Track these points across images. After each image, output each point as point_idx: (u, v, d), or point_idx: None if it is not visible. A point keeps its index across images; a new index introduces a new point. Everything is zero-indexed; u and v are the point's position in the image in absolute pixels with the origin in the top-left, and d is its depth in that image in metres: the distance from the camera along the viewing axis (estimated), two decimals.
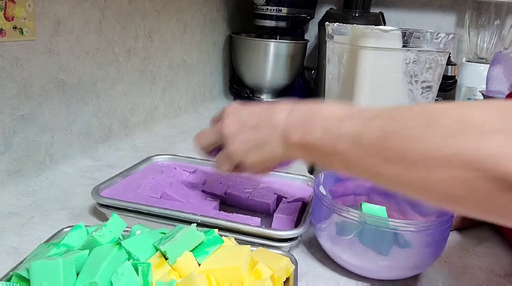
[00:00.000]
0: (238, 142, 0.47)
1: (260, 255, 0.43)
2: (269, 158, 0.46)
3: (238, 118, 0.47)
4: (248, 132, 0.46)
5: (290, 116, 0.44)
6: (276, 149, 0.45)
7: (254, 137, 0.46)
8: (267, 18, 1.27)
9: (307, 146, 0.41)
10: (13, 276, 0.38)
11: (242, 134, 0.47)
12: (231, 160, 0.49)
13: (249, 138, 0.46)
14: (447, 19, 1.35)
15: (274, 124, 0.44)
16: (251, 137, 0.46)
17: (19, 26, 0.64)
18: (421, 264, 0.49)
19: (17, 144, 0.66)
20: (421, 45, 0.65)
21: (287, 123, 0.43)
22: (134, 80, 0.93)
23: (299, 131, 0.42)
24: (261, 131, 0.45)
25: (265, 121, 0.45)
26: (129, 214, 0.55)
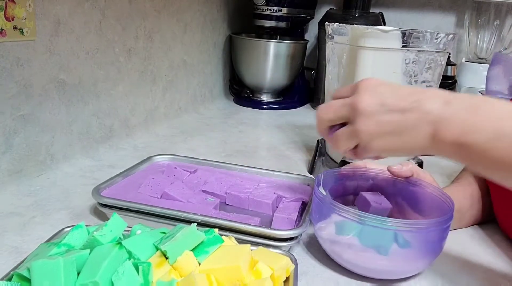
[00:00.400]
0: (373, 122, 0.41)
1: (260, 255, 0.43)
2: (405, 148, 0.41)
3: (378, 95, 0.41)
4: (388, 114, 0.41)
5: (449, 107, 0.38)
6: (419, 140, 0.40)
7: (395, 120, 0.40)
8: (267, 18, 1.27)
9: (464, 146, 0.36)
10: (14, 276, 0.38)
11: (381, 115, 0.41)
12: (355, 139, 0.43)
13: (389, 120, 0.41)
14: (446, 19, 1.35)
15: (424, 111, 0.39)
16: (391, 119, 0.40)
17: (20, 26, 0.64)
18: (421, 263, 0.49)
19: (17, 144, 0.66)
20: (420, 45, 0.66)
21: (443, 115, 0.38)
22: (134, 80, 0.93)
23: (459, 127, 0.37)
24: (405, 116, 0.40)
25: (412, 106, 0.40)
26: (129, 214, 0.55)
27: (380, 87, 0.42)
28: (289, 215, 0.56)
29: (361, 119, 0.42)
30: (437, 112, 0.38)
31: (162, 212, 0.54)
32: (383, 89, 0.42)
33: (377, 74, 0.67)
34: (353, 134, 0.43)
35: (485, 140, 0.35)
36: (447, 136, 0.37)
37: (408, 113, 0.40)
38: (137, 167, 0.69)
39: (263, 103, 1.34)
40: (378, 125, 0.41)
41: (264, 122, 1.19)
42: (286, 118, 1.22)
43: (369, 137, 0.42)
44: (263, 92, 1.36)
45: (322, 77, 1.27)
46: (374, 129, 0.41)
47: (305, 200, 0.61)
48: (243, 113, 1.25)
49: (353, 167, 0.59)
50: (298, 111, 1.34)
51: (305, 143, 0.99)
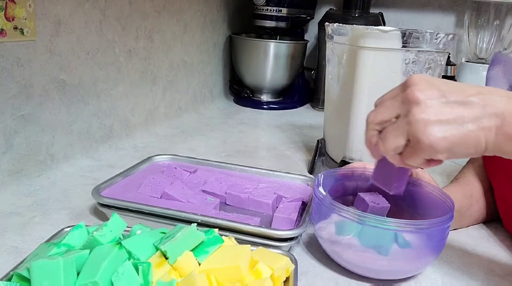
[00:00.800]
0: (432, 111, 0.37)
1: (260, 255, 0.43)
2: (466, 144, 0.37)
3: (435, 87, 0.38)
4: (449, 106, 0.37)
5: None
6: (482, 136, 0.37)
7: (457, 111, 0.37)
8: (267, 18, 1.28)
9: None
10: (14, 276, 0.38)
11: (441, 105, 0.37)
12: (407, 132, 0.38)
13: (451, 110, 0.37)
14: (446, 20, 1.35)
15: (488, 104, 0.37)
16: (451, 109, 0.37)
17: (20, 27, 0.64)
18: (421, 263, 0.49)
19: (18, 144, 0.66)
20: (420, 46, 0.66)
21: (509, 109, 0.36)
22: (134, 80, 0.93)
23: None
24: (468, 109, 0.37)
25: (475, 99, 0.37)
26: (129, 214, 0.55)
27: (435, 80, 0.39)
28: (289, 215, 0.56)
29: (418, 109, 0.37)
30: (503, 105, 0.37)
31: (162, 212, 0.54)
32: (439, 82, 0.39)
33: (377, 74, 0.67)
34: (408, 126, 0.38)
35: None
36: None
37: (471, 105, 0.37)
38: (137, 167, 0.69)
39: (263, 103, 1.35)
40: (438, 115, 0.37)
41: (264, 122, 1.19)
42: (286, 118, 1.22)
43: (427, 128, 0.37)
44: (263, 92, 1.36)
45: (322, 77, 1.27)
46: (434, 119, 0.37)
47: (305, 200, 0.61)
48: (243, 113, 1.25)
49: (352, 167, 0.59)
50: (298, 111, 1.34)
51: (305, 143, 0.99)
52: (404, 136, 0.38)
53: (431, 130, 0.37)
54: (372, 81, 0.67)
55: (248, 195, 0.61)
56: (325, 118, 0.82)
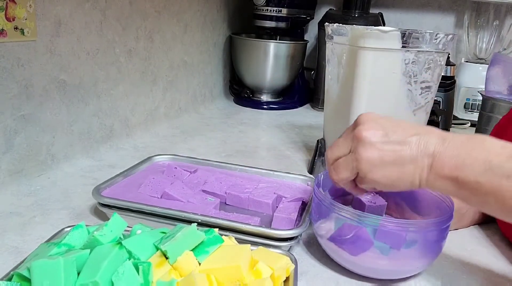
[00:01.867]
0: (376, 150, 0.42)
1: (260, 254, 0.43)
2: (403, 180, 0.42)
3: (380, 126, 0.43)
4: (390, 144, 0.42)
5: (445, 143, 0.40)
6: (416, 174, 0.41)
7: (397, 150, 0.42)
8: (267, 18, 1.28)
9: (458, 180, 0.39)
10: (14, 276, 0.38)
11: (383, 144, 0.42)
12: (355, 168, 0.44)
13: (391, 150, 0.42)
14: (446, 20, 1.35)
15: (424, 146, 0.41)
16: (393, 149, 0.42)
17: (20, 27, 0.64)
18: (420, 263, 0.49)
19: (18, 144, 0.66)
20: (420, 46, 0.66)
21: (441, 150, 0.40)
22: (135, 81, 0.94)
23: (454, 162, 0.39)
24: (406, 148, 0.42)
25: (413, 139, 0.42)
26: (129, 214, 0.55)
27: (381, 119, 0.44)
28: (289, 215, 0.56)
29: (363, 147, 0.43)
30: (435, 147, 0.40)
31: (162, 212, 0.54)
32: (384, 121, 0.44)
33: (377, 74, 0.67)
34: (355, 162, 0.44)
35: (476, 174, 0.37)
36: (444, 171, 0.39)
37: (409, 145, 0.42)
38: (137, 167, 0.69)
39: (263, 103, 1.35)
40: (380, 154, 0.42)
41: (264, 122, 1.19)
42: (286, 118, 1.23)
43: (370, 166, 0.43)
44: (263, 92, 1.36)
45: (322, 77, 1.27)
46: (376, 158, 0.42)
47: (305, 200, 0.61)
48: (243, 113, 1.25)
49: None
50: (298, 111, 1.35)
51: (305, 143, 0.99)
52: (352, 170, 0.45)
53: (374, 170, 0.43)
54: (372, 81, 0.67)
55: (248, 195, 0.61)
56: (325, 118, 0.82)
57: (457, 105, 1.21)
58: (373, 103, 0.69)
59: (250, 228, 0.51)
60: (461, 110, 1.23)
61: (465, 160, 0.38)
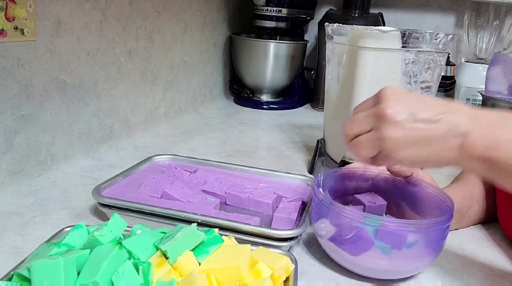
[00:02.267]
0: (401, 130, 0.40)
1: (260, 254, 0.43)
2: (431, 160, 0.40)
3: (405, 104, 0.41)
4: (417, 123, 0.40)
5: (476, 122, 0.38)
6: (447, 153, 0.39)
7: (424, 130, 0.39)
8: (267, 18, 1.28)
9: (491, 161, 0.37)
10: (14, 276, 0.38)
11: (409, 123, 0.40)
12: (378, 146, 0.42)
13: (418, 129, 0.39)
14: (446, 20, 1.35)
15: (453, 124, 0.39)
16: (420, 128, 0.39)
17: (20, 27, 0.64)
18: (421, 263, 0.49)
19: (18, 144, 0.66)
20: (420, 46, 0.66)
21: (471, 129, 0.38)
22: (135, 81, 0.94)
23: (486, 142, 0.37)
24: (433, 128, 0.39)
25: (440, 117, 0.39)
26: (129, 214, 0.55)
27: (405, 95, 0.42)
28: (289, 215, 0.56)
29: (388, 126, 0.40)
30: (465, 125, 0.39)
31: (162, 212, 0.54)
32: (408, 97, 0.41)
33: (377, 74, 0.67)
34: (378, 141, 0.41)
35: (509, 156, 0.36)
36: (476, 150, 0.38)
37: (436, 124, 0.39)
38: (137, 167, 0.69)
39: (263, 103, 1.35)
40: (406, 134, 0.40)
41: (264, 122, 1.19)
42: (286, 118, 1.23)
43: (395, 146, 0.40)
44: (263, 92, 1.36)
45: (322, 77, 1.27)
46: (401, 138, 0.40)
47: (305, 200, 0.61)
48: (243, 113, 1.25)
49: (353, 167, 0.59)
50: (298, 111, 1.35)
51: (305, 143, 0.99)
52: (374, 148, 0.42)
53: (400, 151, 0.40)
54: (372, 81, 0.67)
55: (248, 195, 0.61)
56: (325, 118, 0.82)
57: None
58: None
59: (250, 228, 0.51)
60: None
61: (499, 140, 0.36)
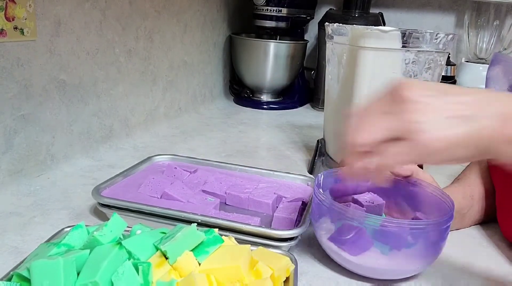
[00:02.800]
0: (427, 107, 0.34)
1: (260, 255, 0.43)
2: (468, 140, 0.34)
3: (425, 85, 0.36)
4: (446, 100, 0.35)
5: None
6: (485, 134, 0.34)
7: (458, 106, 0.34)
8: (267, 18, 1.27)
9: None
10: (14, 276, 0.38)
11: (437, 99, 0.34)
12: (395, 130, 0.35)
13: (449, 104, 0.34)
14: (446, 20, 1.35)
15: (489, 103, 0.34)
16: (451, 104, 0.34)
17: (20, 27, 0.64)
18: (421, 264, 0.49)
19: (18, 144, 0.66)
20: (420, 46, 0.66)
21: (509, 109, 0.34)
22: (134, 80, 0.93)
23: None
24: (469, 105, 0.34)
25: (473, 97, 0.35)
26: (129, 214, 0.55)
27: (421, 83, 0.36)
28: (289, 215, 0.56)
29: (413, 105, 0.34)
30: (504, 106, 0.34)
31: (162, 212, 0.54)
32: (425, 83, 0.37)
33: (377, 74, 0.67)
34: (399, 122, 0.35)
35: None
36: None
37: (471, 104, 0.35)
38: (137, 167, 0.69)
39: (263, 103, 1.35)
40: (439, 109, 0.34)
41: (264, 122, 1.19)
42: (286, 118, 1.22)
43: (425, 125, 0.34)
44: (263, 92, 1.36)
45: (322, 77, 1.27)
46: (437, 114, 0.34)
47: (305, 200, 0.61)
48: (243, 113, 1.25)
49: None
50: (298, 111, 1.34)
51: (305, 143, 0.99)
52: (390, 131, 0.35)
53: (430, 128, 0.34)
54: (372, 81, 0.67)
55: (248, 195, 0.61)
56: (325, 118, 0.82)
57: None
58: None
59: (250, 228, 0.51)
60: None
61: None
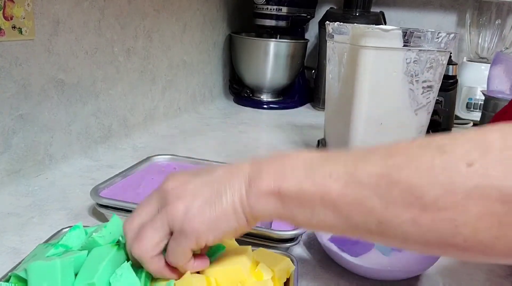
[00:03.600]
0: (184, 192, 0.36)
1: (260, 256, 0.43)
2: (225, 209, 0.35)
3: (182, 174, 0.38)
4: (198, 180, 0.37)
5: (256, 163, 0.36)
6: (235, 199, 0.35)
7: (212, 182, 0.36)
8: (267, 17, 1.27)
9: (280, 193, 0.33)
10: (12, 277, 0.38)
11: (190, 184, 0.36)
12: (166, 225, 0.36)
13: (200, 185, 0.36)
14: (448, 19, 1.35)
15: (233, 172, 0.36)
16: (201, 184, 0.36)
17: (18, 26, 0.63)
18: (421, 265, 0.49)
19: (16, 144, 0.66)
20: (421, 45, 0.65)
21: (255, 169, 0.35)
22: (133, 80, 0.93)
23: (272, 175, 0.34)
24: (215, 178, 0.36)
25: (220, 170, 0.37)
26: (128, 214, 0.54)
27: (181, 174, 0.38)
28: None
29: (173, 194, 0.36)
30: (249, 168, 0.35)
31: None
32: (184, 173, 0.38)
33: (378, 73, 0.67)
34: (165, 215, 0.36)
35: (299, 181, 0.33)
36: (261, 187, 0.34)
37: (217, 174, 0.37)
38: (136, 167, 0.68)
39: (263, 103, 1.34)
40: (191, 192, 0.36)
41: (264, 122, 1.19)
42: (286, 118, 1.22)
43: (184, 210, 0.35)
44: (263, 92, 1.36)
45: (323, 77, 1.26)
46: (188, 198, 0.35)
47: None
48: (243, 113, 1.25)
49: None
50: (298, 111, 1.34)
51: (306, 143, 0.99)
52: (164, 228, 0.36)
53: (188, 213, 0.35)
54: (373, 80, 0.67)
55: None
56: (325, 118, 0.81)
57: (459, 104, 1.20)
58: (374, 102, 0.68)
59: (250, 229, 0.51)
60: (463, 109, 1.22)
61: (283, 169, 0.34)
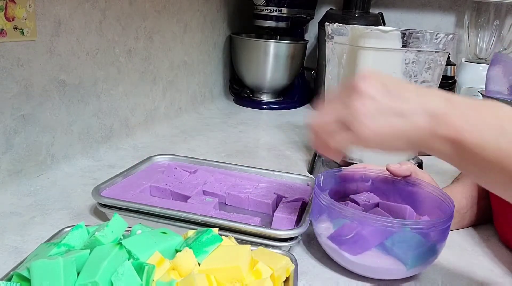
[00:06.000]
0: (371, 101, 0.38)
1: (260, 255, 0.43)
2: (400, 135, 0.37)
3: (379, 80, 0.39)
4: (390, 97, 0.38)
5: (449, 103, 0.36)
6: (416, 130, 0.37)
7: (397, 103, 0.37)
8: (267, 18, 1.27)
9: (463, 144, 0.34)
10: (14, 276, 0.38)
11: (383, 95, 0.38)
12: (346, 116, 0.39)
13: (390, 100, 0.38)
14: (446, 20, 1.35)
15: (426, 100, 0.37)
16: (392, 101, 0.38)
17: (20, 27, 0.64)
18: (421, 264, 0.49)
19: (18, 144, 0.66)
20: (420, 46, 0.66)
21: (444, 108, 0.36)
22: (134, 80, 0.93)
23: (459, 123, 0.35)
24: (407, 103, 0.37)
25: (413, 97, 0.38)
26: (129, 214, 0.55)
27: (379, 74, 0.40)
28: (289, 215, 0.56)
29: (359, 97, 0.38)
30: (436, 103, 0.37)
31: (162, 212, 0.54)
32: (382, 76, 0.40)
33: None
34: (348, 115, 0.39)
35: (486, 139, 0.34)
36: (444, 130, 0.35)
37: (408, 98, 0.38)
38: (137, 167, 0.69)
39: (263, 103, 1.35)
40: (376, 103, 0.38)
41: (264, 122, 1.19)
42: (286, 118, 1.22)
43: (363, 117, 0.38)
44: (263, 92, 1.36)
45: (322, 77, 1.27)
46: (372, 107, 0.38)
47: (305, 200, 0.61)
48: (243, 113, 1.25)
49: (353, 168, 0.59)
50: (298, 111, 1.34)
51: (305, 143, 0.99)
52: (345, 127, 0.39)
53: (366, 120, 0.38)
54: None
55: (248, 195, 0.61)
56: None
57: None
58: None
59: (250, 228, 0.51)
60: None
61: (474, 122, 0.34)
